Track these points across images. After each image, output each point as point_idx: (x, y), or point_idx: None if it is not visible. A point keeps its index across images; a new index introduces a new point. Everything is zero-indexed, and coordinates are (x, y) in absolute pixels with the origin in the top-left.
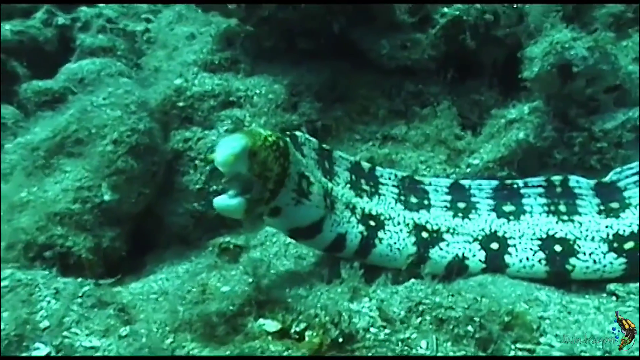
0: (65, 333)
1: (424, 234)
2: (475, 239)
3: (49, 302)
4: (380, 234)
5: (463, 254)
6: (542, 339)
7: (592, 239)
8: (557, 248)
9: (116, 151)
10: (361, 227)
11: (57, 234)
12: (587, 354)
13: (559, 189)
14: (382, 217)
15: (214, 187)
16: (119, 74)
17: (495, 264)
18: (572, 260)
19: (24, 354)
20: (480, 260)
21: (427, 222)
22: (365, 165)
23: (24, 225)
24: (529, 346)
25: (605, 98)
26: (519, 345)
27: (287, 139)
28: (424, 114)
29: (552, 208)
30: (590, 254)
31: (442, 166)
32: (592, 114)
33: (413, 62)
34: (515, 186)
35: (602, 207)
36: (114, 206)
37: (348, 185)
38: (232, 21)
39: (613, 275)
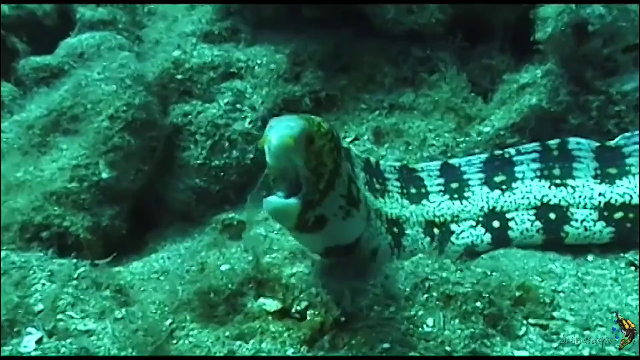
0: (59, 316)
1: (436, 231)
2: (478, 222)
3: (43, 284)
4: (403, 241)
5: (472, 241)
6: (555, 313)
7: (585, 206)
8: (552, 216)
9: (112, 127)
10: (389, 238)
11: (54, 214)
12: (604, 328)
13: (555, 152)
14: (400, 221)
15: (216, 162)
16: (119, 48)
17: (500, 242)
18: (566, 228)
19: (15, 340)
20: (488, 243)
21: (433, 215)
22: (372, 160)
23: (20, 206)
24: (541, 321)
25: (624, 58)
26: (531, 321)
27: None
28: (432, 80)
29: (546, 172)
30: (582, 221)
31: (451, 135)
32: (609, 76)
33: (420, 27)
34: (507, 155)
35: (598, 172)
36: (113, 184)
37: (366, 187)
38: None
39: (601, 242)
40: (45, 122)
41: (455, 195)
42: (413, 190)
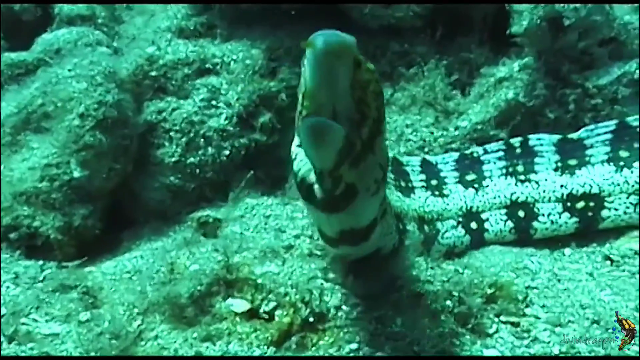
0: (22, 320)
1: (425, 227)
2: (458, 222)
3: (7, 287)
4: (405, 238)
5: (454, 242)
6: (527, 310)
7: (549, 199)
8: (521, 214)
9: (83, 125)
10: (396, 237)
11: (23, 214)
12: (576, 324)
13: (518, 150)
14: (402, 215)
15: (191, 159)
16: (97, 44)
17: (477, 243)
18: (535, 224)
19: None
20: (467, 245)
21: (424, 211)
22: None
23: None
24: (513, 319)
25: (600, 51)
26: (502, 318)
27: None
28: (410, 74)
29: (510, 169)
30: (548, 215)
31: (429, 129)
32: (585, 69)
33: (397, 20)
34: (475, 155)
35: (559, 164)
36: (84, 183)
37: None
38: None
39: (567, 233)
40: (15, 120)
41: (437, 193)
42: (402, 184)
